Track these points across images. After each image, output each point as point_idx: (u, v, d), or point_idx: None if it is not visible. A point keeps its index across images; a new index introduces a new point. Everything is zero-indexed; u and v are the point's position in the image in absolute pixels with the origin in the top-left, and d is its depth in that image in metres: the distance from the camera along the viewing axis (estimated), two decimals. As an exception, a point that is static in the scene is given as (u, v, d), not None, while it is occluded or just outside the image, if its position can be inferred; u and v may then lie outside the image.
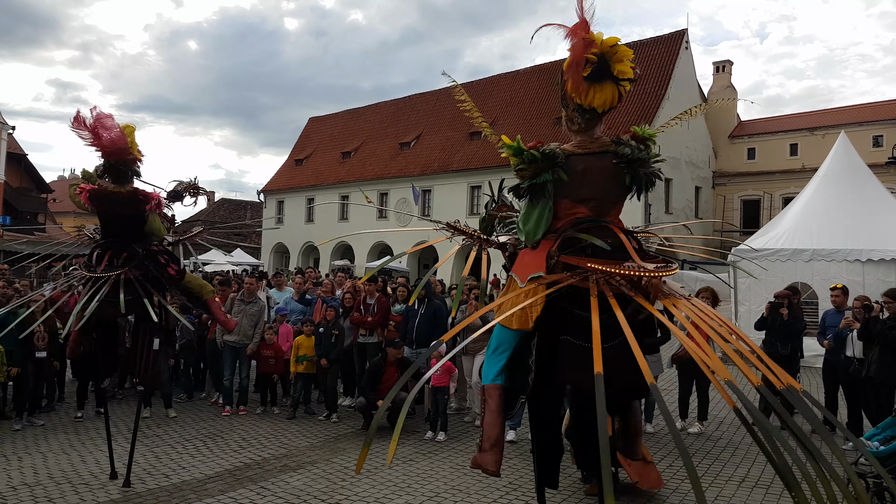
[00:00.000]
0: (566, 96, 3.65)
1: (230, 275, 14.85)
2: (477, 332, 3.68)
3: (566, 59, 3.55)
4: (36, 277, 13.39)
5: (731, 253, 11.03)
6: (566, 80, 3.57)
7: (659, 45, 32.63)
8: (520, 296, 3.48)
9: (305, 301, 10.15)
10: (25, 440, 7.36)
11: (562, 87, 3.65)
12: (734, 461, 7.06)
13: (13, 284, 10.14)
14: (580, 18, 3.45)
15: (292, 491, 5.94)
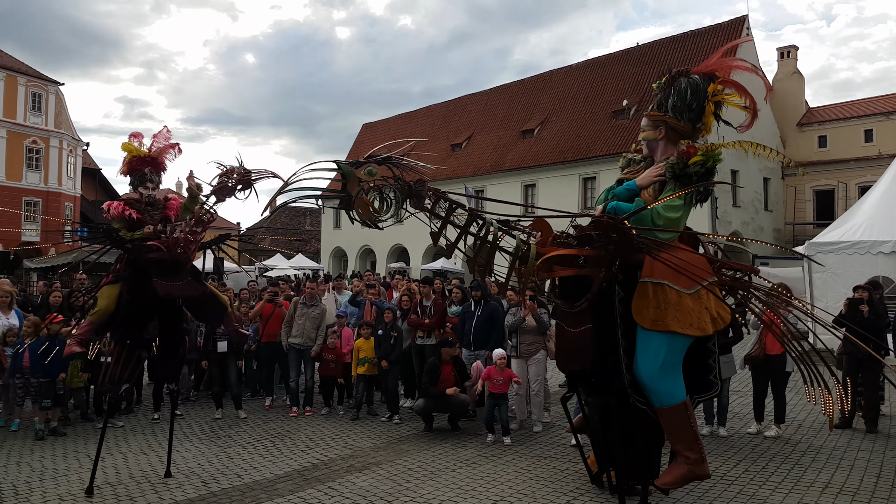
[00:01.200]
0: (702, 115, 4.04)
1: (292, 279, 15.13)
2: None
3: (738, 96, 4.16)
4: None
5: (804, 246, 10.56)
6: (738, 104, 4.10)
7: (718, 32, 31.59)
8: (700, 302, 3.67)
9: (356, 303, 10.27)
10: (107, 441, 7.61)
11: (701, 105, 4.02)
12: (816, 466, 6.72)
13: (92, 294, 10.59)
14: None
15: (358, 492, 5.99)
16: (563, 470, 6.60)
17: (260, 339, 9.63)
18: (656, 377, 3.67)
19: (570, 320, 3.83)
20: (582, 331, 3.79)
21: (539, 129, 35.72)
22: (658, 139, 4.13)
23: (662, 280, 3.69)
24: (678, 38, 33.57)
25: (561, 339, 3.95)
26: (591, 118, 32.82)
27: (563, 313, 3.87)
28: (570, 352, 3.91)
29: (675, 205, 3.76)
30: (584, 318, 3.79)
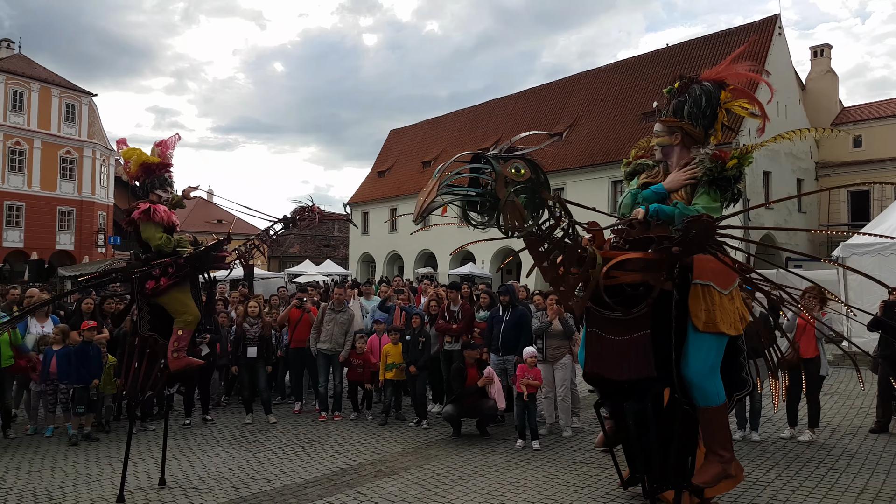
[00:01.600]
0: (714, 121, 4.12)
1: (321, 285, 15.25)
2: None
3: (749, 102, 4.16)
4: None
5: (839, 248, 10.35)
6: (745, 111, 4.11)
7: (750, 32, 31.13)
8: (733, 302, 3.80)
9: (385, 308, 10.31)
10: (139, 446, 7.79)
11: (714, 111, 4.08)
12: (851, 471, 6.57)
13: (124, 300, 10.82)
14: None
15: (387, 497, 6.00)
16: (593, 475, 6.54)
17: (288, 344, 9.73)
18: (707, 377, 3.75)
19: (617, 328, 3.72)
20: (636, 337, 3.71)
21: (567, 133, 35.54)
22: (674, 145, 4.18)
23: (709, 282, 3.78)
24: (709, 38, 33.17)
25: (604, 348, 3.79)
26: (620, 121, 32.57)
27: (608, 321, 3.74)
28: (621, 361, 3.78)
29: (714, 206, 3.85)
30: (640, 324, 3.72)
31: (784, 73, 31.22)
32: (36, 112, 37.42)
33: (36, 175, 37.31)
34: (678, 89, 4.24)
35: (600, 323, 3.82)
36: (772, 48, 29.88)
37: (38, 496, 6.05)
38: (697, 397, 3.85)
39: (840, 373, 12.50)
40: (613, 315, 3.72)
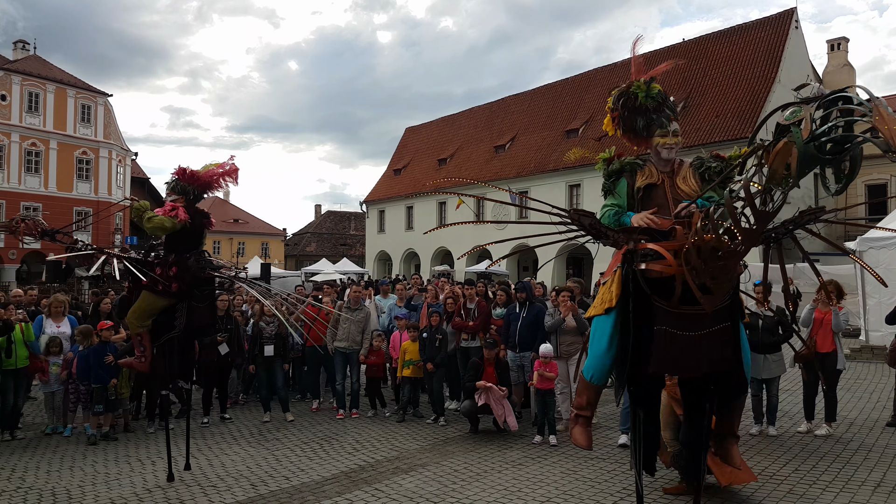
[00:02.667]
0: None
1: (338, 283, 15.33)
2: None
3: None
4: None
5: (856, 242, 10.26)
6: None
7: (766, 26, 30.87)
8: None
9: (411, 307, 10.35)
10: (158, 445, 7.89)
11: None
12: (867, 465, 6.54)
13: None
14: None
15: (405, 493, 6.05)
16: (610, 471, 6.55)
17: (305, 342, 9.81)
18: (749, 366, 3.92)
19: (698, 322, 3.60)
20: (716, 330, 3.64)
21: (584, 129, 35.42)
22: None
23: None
24: (725, 32, 32.93)
25: (687, 345, 3.65)
26: (634, 116, 32.41)
27: (683, 317, 3.62)
28: (707, 356, 3.69)
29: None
30: (719, 319, 3.65)
31: (801, 67, 30.90)
32: (52, 113, 37.84)
33: (52, 176, 37.75)
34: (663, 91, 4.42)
35: (672, 320, 3.68)
36: (788, 42, 29.59)
37: (58, 495, 6.14)
38: (749, 373, 4.01)
39: (857, 367, 12.41)
40: (691, 310, 3.59)
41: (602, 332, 4.09)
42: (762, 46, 30.04)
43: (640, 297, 3.81)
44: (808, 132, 2.88)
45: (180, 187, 6.44)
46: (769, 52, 29.64)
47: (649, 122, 4.35)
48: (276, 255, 60.70)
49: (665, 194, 4.19)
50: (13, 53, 39.84)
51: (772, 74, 28.82)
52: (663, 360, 3.73)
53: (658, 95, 4.31)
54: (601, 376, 4.20)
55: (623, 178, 4.42)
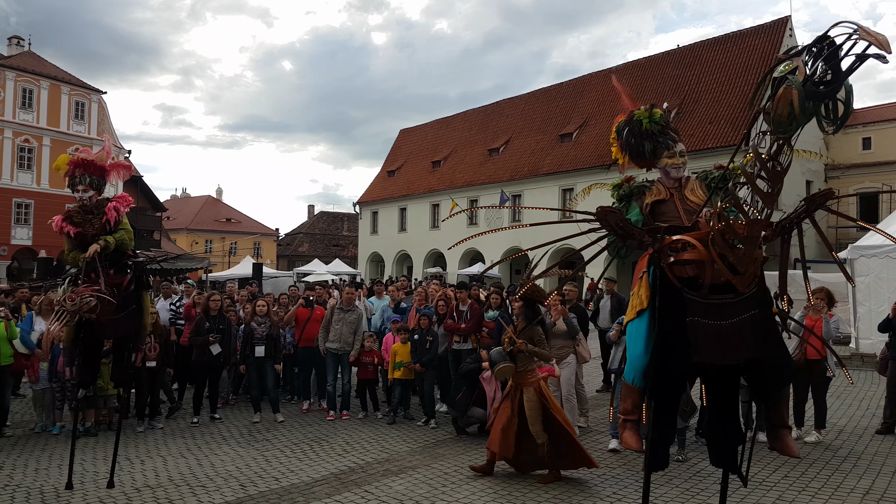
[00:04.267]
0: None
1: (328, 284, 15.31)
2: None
3: None
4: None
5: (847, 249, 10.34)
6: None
7: (760, 33, 31.07)
8: None
9: (401, 310, 10.35)
10: (147, 444, 7.87)
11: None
12: (857, 472, 6.57)
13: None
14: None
15: (395, 495, 6.03)
16: (600, 475, 6.55)
17: (297, 343, 9.79)
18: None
19: (725, 312, 3.72)
20: (746, 318, 3.71)
21: (577, 133, 35.54)
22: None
23: None
24: (719, 39, 33.12)
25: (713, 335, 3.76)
26: (628, 121, 32.50)
27: (712, 307, 3.74)
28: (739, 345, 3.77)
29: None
30: (747, 306, 3.74)
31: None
32: (45, 109, 37.63)
33: (45, 173, 37.49)
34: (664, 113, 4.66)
35: (702, 310, 3.77)
36: (782, 49, 29.73)
37: (46, 494, 6.09)
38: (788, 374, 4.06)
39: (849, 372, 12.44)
40: (721, 300, 3.70)
41: (637, 335, 4.16)
42: (756, 54, 30.21)
43: (668, 292, 3.93)
44: (804, 75, 3.15)
45: (95, 182, 6.26)
46: (763, 60, 29.80)
47: (656, 146, 4.60)
48: (269, 255, 60.57)
49: (675, 207, 4.44)
50: (8, 49, 39.58)
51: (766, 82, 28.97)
52: (707, 348, 3.79)
53: (661, 119, 4.60)
54: (639, 378, 4.26)
55: (633, 202, 4.70)
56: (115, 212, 6.21)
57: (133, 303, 6.31)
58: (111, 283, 6.03)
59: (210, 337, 8.88)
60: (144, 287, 6.63)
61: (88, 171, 6.22)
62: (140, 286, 6.49)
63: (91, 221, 6.14)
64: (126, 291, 6.19)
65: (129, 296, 6.26)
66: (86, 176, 6.19)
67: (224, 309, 9.43)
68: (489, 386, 7.94)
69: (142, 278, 6.52)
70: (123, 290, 6.14)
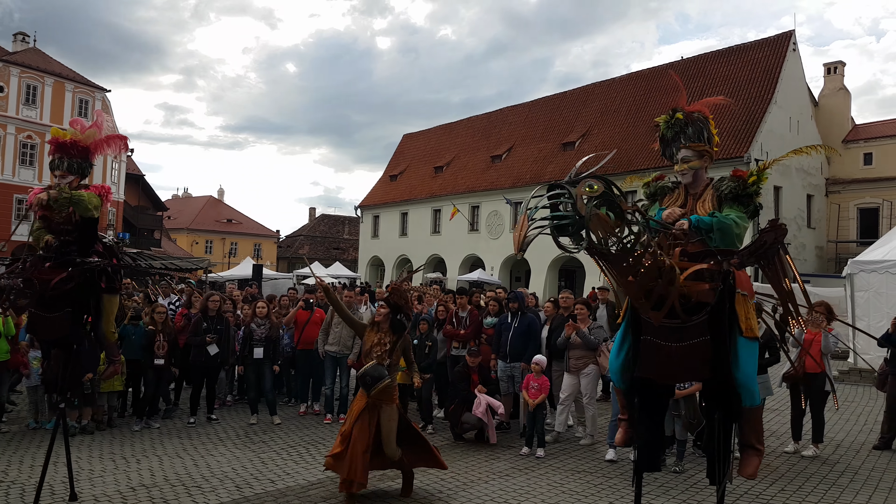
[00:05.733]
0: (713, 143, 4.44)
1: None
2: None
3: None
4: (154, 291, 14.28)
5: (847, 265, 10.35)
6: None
7: (764, 47, 31.15)
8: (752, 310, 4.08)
9: None
10: (143, 443, 7.86)
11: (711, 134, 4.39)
12: (853, 487, 6.57)
13: (133, 297, 10.92)
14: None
15: (390, 501, 6.02)
16: (597, 485, 6.54)
17: (295, 345, 9.78)
18: (753, 380, 4.04)
19: (675, 335, 3.89)
20: (696, 343, 3.88)
21: (580, 142, 35.58)
22: (704, 166, 4.45)
23: (745, 291, 4.04)
24: (723, 52, 33.21)
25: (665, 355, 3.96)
26: (633, 132, 32.55)
27: (666, 329, 3.89)
28: (679, 366, 3.99)
29: (743, 216, 4.12)
30: (699, 331, 3.89)
31: (797, 89, 31.18)
32: (49, 106, 37.70)
33: (47, 170, 37.40)
34: (685, 119, 4.43)
35: (656, 331, 3.94)
36: (786, 64, 29.87)
37: (41, 491, 6.05)
38: (745, 397, 4.05)
39: (845, 389, 12.47)
40: (673, 323, 3.84)
41: (616, 339, 4.51)
42: (759, 67, 30.29)
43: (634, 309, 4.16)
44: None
45: (75, 166, 5.48)
46: (766, 74, 29.90)
47: (672, 153, 4.58)
48: (269, 257, 60.55)
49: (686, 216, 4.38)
50: (13, 45, 39.70)
51: (768, 95, 29.06)
52: (646, 365, 4.10)
53: (677, 124, 4.45)
54: (616, 380, 4.54)
55: (656, 203, 4.72)
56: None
57: (70, 305, 5.36)
58: (39, 278, 5.15)
59: (207, 337, 8.87)
60: (106, 290, 5.62)
61: (68, 154, 5.48)
62: (96, 289, 5.52)
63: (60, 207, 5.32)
64: (57, 290, 5.15)
65: (64, 296, 5.25)
66: (64, 160, 5.45)
67: (223, 310, 9.43)
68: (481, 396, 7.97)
69: (97, 280, 5.48)
70: (53, 289, 5.12)
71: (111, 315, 5.84)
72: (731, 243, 4.06)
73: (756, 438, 4.14)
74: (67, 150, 5.49)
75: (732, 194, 4.17)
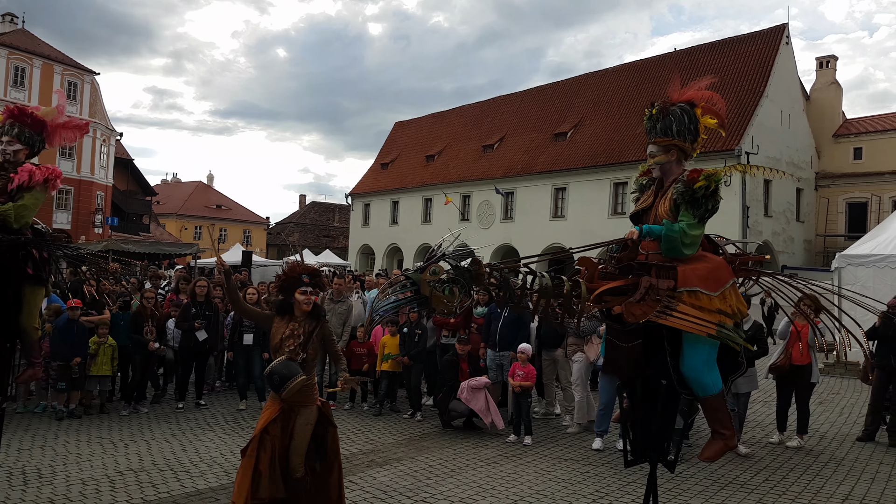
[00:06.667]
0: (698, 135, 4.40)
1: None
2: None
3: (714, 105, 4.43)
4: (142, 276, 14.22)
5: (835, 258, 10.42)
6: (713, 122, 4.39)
7: (757, 40, 31.17)
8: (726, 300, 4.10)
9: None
10: (131, 427, 7.84)
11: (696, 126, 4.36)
12: (837, 478, 6.66)
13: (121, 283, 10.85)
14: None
15: (379, 486, 6.05)
16: (584, 472, 6.60)
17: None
18: (702, 372, 4.14)
19: (623, 337, 4.35)
20: (633, 346, 4.30)
21: (572, 133, 35.56)
22: (671, 161, 4.40)
23: (695, 287, 4.03)
24: (716, 44, 33.21)
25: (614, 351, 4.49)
26: (625, 123, 32.54)
27: (616, 331, 4.40)
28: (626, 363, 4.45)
29: (692, 222, 4.10)
30: (634, 336, 4.27)
31: (789, 83, 31.25)
32: (37, 89, 37.20)
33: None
34: (659, 112, 4.41)
35: (613, 332, 4.42)
36: (778, 57, 29.91)
37: (28, 474, 6.06)
38: (696, 390, 4.20)
39: (830, 381, 12.59)
40: (618, 327, 4.32)
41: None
42: (752, 60, 30.32)
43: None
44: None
45: (26, 136, 4.89)
46: (759, 66, 29.94)
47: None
48: (259, 244, 60.31)
49: (651, 219, 4.36)
50: (1, 26, 39.17)
51: (760, 88, 29.12)
52: (608, 364, 4.72)
53: (650, 119, 4.44)
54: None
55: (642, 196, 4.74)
56: (27, 175, 4.70)
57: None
58: None
59: (196, 323, 8.84)
60: (31, 279, 4.77)
61: (21, 122, 4.92)
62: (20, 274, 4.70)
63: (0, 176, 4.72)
64: None
65: None
66: (15, 125, 4.87)
67: (211, 296, 9.40)
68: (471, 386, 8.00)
69: (21, 263, 4.67)
70: None
71: (34, 308, 4.96)
72: (677, 252, 4.08)
73: (720, 424, 4.21)
74: (21, 117, 4.93)
75: (681, 199, 4.12)
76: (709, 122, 4.44)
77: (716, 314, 4.01)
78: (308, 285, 4.75)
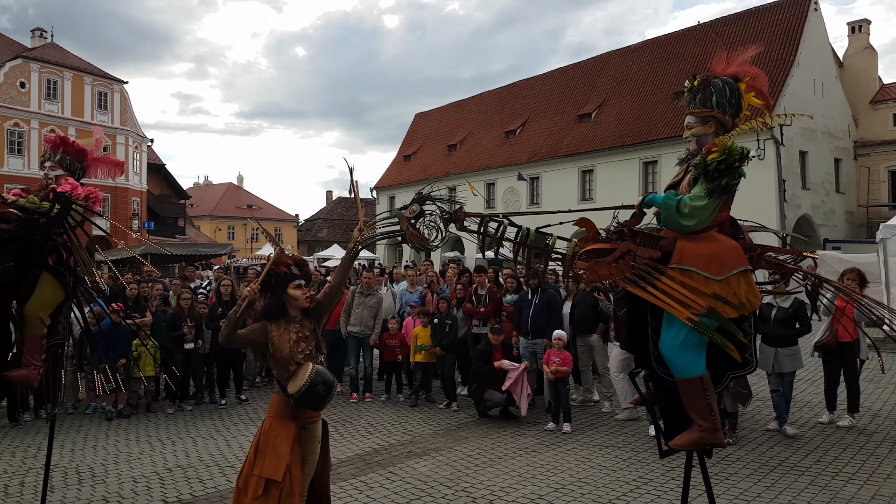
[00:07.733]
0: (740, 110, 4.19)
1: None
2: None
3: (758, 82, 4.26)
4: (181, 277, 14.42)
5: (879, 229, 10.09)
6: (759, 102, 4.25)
7: (784, 8, 30.31)
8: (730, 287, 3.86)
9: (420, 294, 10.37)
10: (177, 425, 7.98)
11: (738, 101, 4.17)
12: (893, 457, 6.42)
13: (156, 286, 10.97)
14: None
15: (419, 477, 6.05)
16: (626, 459, 6.51)
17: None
18: (677, 353, 3.96)
19: (618, 304, 4.53)
20: (622, 314, 4.40)
21: (596, 113, 35.05)
22: (708, 134, 4.22)
23: (691, 267, 3.87)
24: (741, 15, 32.38)
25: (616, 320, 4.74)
26: (651, 100, 32.00)
27: (616, 298, 4.63)
28: (622, 332, 4.63)
29: (699, 194, 3.94)
30: (622, 304, 4.37)
31: (820, 51, 30.36)
32: (69, 100, 38.00)
33: (69, 163, 37.95)
34: (700, 84, 4.25)
35: (615, 300, 4.72)
36: (807, 25, 29.07)
37: (82, 474, 6.23)
38: (671, 369, 4.04)
39: (882, 357, 12.21)
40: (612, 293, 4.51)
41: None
42: (780, 29, 29.51)
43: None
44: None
45: (67, 162, 5.10)
46: (787, 36, 29.13)
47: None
48: (289, 241, 60.94)
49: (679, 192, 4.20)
50: (31, 41, 40.01)
51: (790, 58, 28.35)
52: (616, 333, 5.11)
53: (691, 90, 4.29)
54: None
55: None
56: (70, 187, 4.85)
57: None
58: None
59: (222, 322, 8.93)
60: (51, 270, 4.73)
61: (65, 150, 5.14)
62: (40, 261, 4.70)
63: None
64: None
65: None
66: (57, 153, 5.08)
67: (236, 294, 9.48)
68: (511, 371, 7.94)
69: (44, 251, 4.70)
70: None
71: (45, 299, 4.69)
72: (674, 223, 3.95)
73: (698, 415, 3.95)
74: (63, 145, 5.23)
75: (697, 171, 3.98)
76: (753, 101, 4.28)
77: (710, 299, 3.81)
78: (300, 277, 4.18)
